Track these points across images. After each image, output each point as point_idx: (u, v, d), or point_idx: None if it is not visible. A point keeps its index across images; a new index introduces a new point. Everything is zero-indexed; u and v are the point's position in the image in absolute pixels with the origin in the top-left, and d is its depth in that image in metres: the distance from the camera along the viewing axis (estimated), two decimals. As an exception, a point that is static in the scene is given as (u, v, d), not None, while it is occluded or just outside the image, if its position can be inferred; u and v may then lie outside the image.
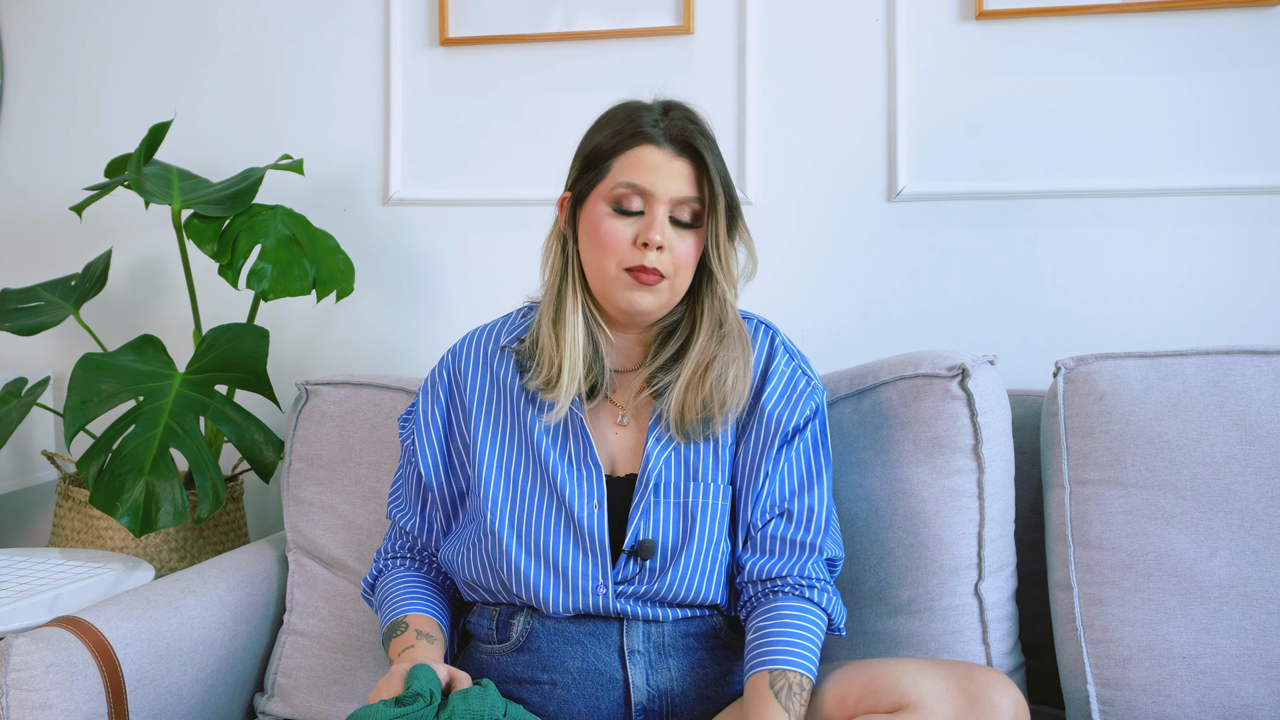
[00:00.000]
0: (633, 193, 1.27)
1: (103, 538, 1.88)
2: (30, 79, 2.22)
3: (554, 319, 1.31)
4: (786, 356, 1.36)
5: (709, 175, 1.27)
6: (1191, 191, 1.74)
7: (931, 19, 1.82)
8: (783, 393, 1.33)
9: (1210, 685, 1.35)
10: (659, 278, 1.27)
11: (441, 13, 1.98)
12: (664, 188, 1.26)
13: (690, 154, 1.27)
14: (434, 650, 1.28)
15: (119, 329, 2.12)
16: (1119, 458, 1.43)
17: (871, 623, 1.46)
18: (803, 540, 1.28)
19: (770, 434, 1.31)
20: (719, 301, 1.31)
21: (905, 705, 1.10)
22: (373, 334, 2.07)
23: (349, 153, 2.06)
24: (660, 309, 1.30)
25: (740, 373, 1.30)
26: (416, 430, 1.39)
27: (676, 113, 1.30)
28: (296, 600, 1.64)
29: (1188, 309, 1.75)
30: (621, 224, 1.27)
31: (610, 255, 1.27)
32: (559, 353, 1.30)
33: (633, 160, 1.27)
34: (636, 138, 1.27)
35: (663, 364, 1.32)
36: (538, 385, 1.31)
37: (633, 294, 1.27)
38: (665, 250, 1.26)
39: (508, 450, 1.33)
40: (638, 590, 1.26)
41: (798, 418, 1.32)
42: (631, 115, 1.29)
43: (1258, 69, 1.71)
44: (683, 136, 1.27)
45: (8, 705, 1.26)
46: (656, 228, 1.25)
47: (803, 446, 1.32)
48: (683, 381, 1.29)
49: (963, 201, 1.82)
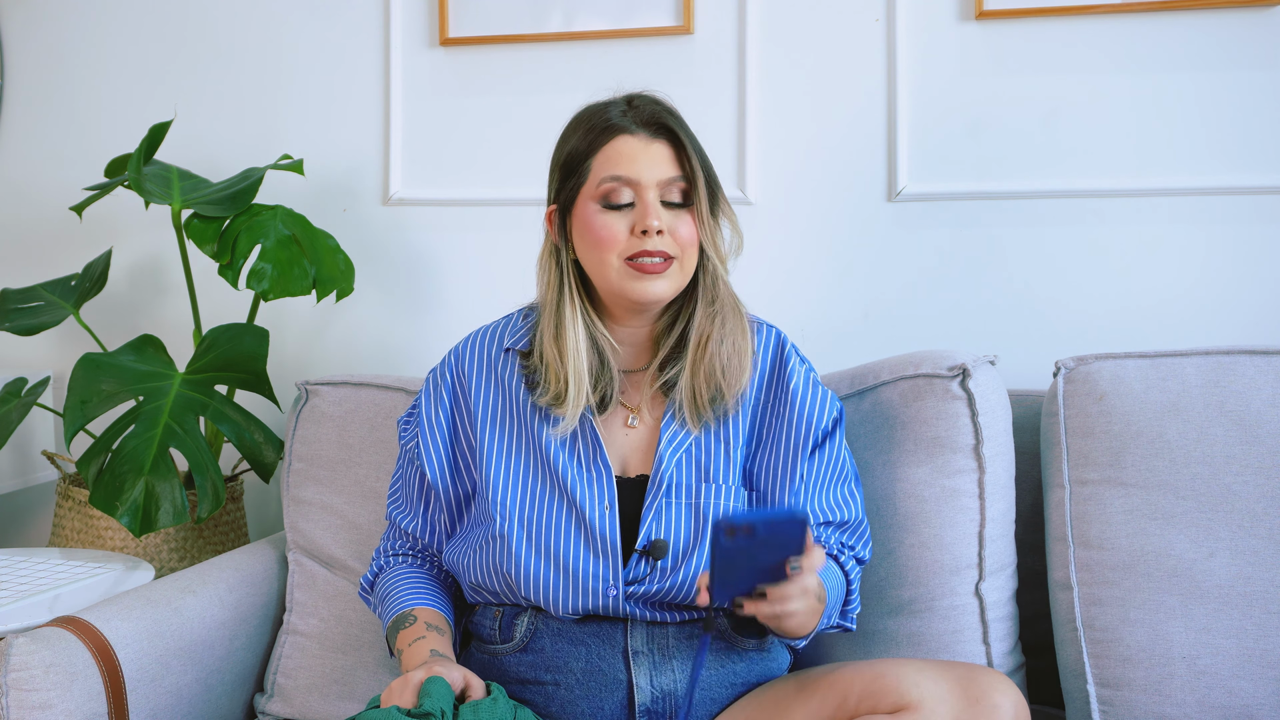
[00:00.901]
0: (619, 185, 1.27)
1: (103, 538, 1.88)
2: (30, 79, 2.22)
3: (555, 334, 1.31)
4: (799, 360, 1.37)
5: (686, 152, 1.28)
6: (1192, 191, 1.74)
7: (931, 19, 1.82)
8: (810, 394, 1.34)
9: (1210, 685, 1.35)
10: (666, 261, 1.27)
11: (441, 13, 1.98)
12: (648, 173, 1.27)
13: (665, 134, 1.28)
14: (444, 643, 1.28)
15: (119, 329, 2.12)
16: (1119, 458, 1.43)
17: (872, 622, 1.45)
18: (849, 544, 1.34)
19: (800, 440, 1.31)
20: (710, 278, 1.32)
21: (906, 706, 1.10)
22: (373, 334, 2.07)
23: (349, 153, 2.06)
24: (673, 292, 1.30)
25: (738, 344, 1.31)
26: (420, 433, 1.39)
27: (641, 99, 1.31)
28: (296, 600, 1.64)
29: (1188, 309, 1.75)
30: (615, 218, 1.27)
31: (609, 251, 1.27)
32: (564, 368, 1.29)
33: (611, 154, 1.28)
34: (609, 131, 1.28)
35: (670, 353, 1.32)
36: (547, 402, 1.31)
37: (641, 284, 1.27)
38: (666, 233, 1.26)
39: (516, 453, 1.33)
40: (648, 591, 1.25)
41: (827, 420, 1.33)
42: (598, 113, 1.31)
43: (1258, 69, 1.71)
44: (654, 119, 1.28)
45: (8, 705, 1.26)
46: (652, 213, 1.26)
47: (832, 453, 1.34)
48: (689, 363, 1.30)
49: (963, 201, 1.82)
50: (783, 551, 1.05)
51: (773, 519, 1.03)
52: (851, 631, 1.36)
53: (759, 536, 1.02)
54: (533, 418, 1.33)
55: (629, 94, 1.32)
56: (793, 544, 1.04)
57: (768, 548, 1.04)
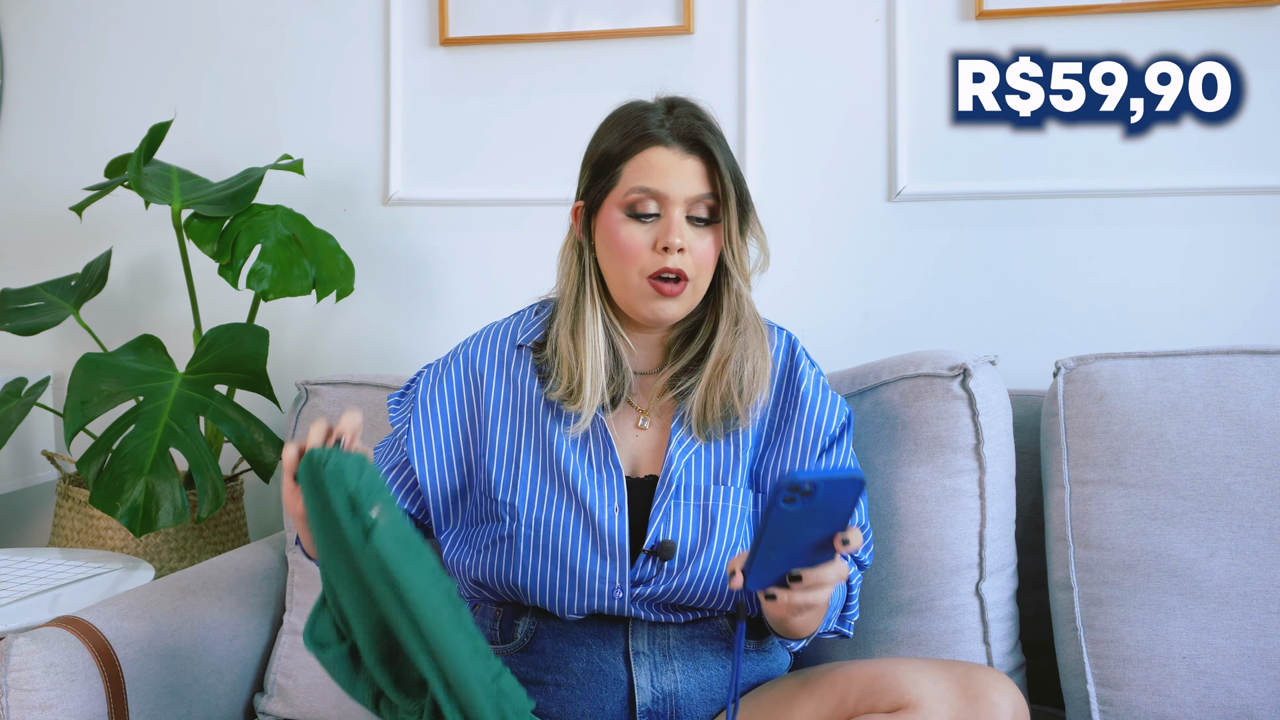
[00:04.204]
0: (646, 197, 1.26)
1: (103, 538, 1.88)
2: (30, 79, 2.22)
3: (572, 329, 1.30)
4: (809, 363, 1.37)
5: (719, 171, 1.27)
6: (1192, 191, 1.74)
7: (931, 19, 1.82)
8: (820, 398, 1.33)
9: (1210, 685, 1.35)
10: (683, 282, 1.26)
11: (441, 13, 1.98)
12: (677, 189, 1.26)
13: (699, 151, 1.27)
14: None
15: (119, 329, 2.11)
16: (1119, 458, 1.43)
17: (873, 622, 1.46)
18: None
19: (813, 438, 1.31)
20: (735, 297, 1.31)
21: (905, 705, 1.10)
22: (373, 334, 2.07)
23: (349, 153, 2.06)
24: (684, 313, 1.29)
25: (758, 367, 1.30)
26: (413, 423, 1.34)
27: (681, 110, 1.29)
28: (296, 600, 1.64)
29: (1188, 309, 1.75)
30: (639, 230, 1.26)
31: (631, 264, 1.26)
32: (579, 364, 1.29)
33: (643, 164, 1.26)
34: (644, 140, 1.27)
35: (685, 366, 1.32)
36: (559, 396, 1.30)
37: (656, 304, 1.27)
38: (685, 252, 1.26)
39: (526, 453, 1.31)
40: (654, 592, 1.25)
41: (836, 425, 1.33)
42: (637, 118, 1.29)
43: (1258, 69, 1.71)
44: (690, 134, 1.27)
45: (8, 705, 1.26)
46: (675, 230, 1.25)
47: (840, 455, 1.33)
48: (704, 380, 1.29)
49: (963, 201, 1.82)
50: (833, 522, 0.98)
51: (834, 479, 0.94)
52: (848, 638, 1.36)
53: (817, 501, 0.94)
54: (545, 416, 1.32)
55: (670, 99, 1.31)
56: (845, 512, 0.96)
57: (821, 516, 0.97)
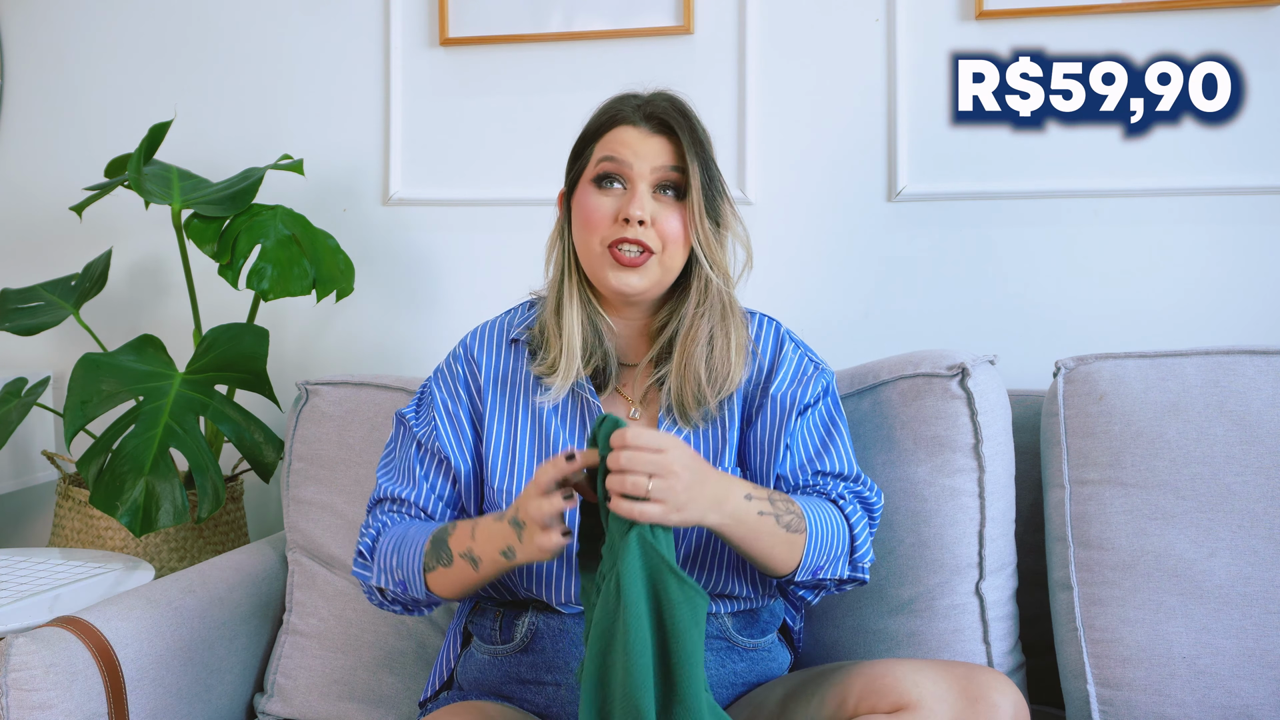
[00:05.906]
0: (611, 166, 1.29)
1: (103, 538, 1.88)
2: (30, 79, 2.22)
3: (555, 308, 1.33)
4: (793, 345, 1.37)
5: (684, 149, 1.28)
6: (1191, 191, 1.74)
7: (931, 19, 1.82)
8: (793, 378, 1.34)
9: (1210, 685, 1.35)
10: (646, 254, 1.27)
11: (441, 13, 1.98)
12: (642, 161, 1.28)
13: (667, 131, 1.29)
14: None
15: (119, 329, 2.12)
16: (1119, 458, 1.43)
17: (872, 621, 1.46)
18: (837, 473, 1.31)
19: (783, 413, 1.31)
20: (703, 280, 1.32)
21: (905, 705, 1.10)
22: (373, 334, 2.07)
23: (349, 153, 2.06)
24: (651, 288, 1.30)
25: (730, 346, 1.31)
26: (438, 427, 1.36)
27: (658, 96, 1.33)
28: (296, 600, 1.64)
29: (1188, 309, 1.75)
30: (604, 199, 1.29)
31: (594, 233, 1.28)
32: (560, 336, 1.31)
33: (612, 140, 1.30)
34: (614, 120, 1.31)
35: (661, 353, 1.33)
36: (543, 370, 1.32)
37: (617, 274, 1.28)
38: (650, 225, 1.27)
39: (520, 441, 1.33)
40: None
41: (809, 396, 1.33)
42: (613, 104, 1.33)
43: (1258, 69, 1.71)
44: (658, 114, 1.30)
45: (8, 705, 1.26)
46: (637, 202, 1.27)
47: (816, 414, 1.33)
48: (674, 366, 1.30)
49: (963, 201, 1.82)
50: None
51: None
52: (865, 583, 1.31)
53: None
54: (538, 401, 1.33)
55: (656, 90, 1.34)
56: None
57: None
